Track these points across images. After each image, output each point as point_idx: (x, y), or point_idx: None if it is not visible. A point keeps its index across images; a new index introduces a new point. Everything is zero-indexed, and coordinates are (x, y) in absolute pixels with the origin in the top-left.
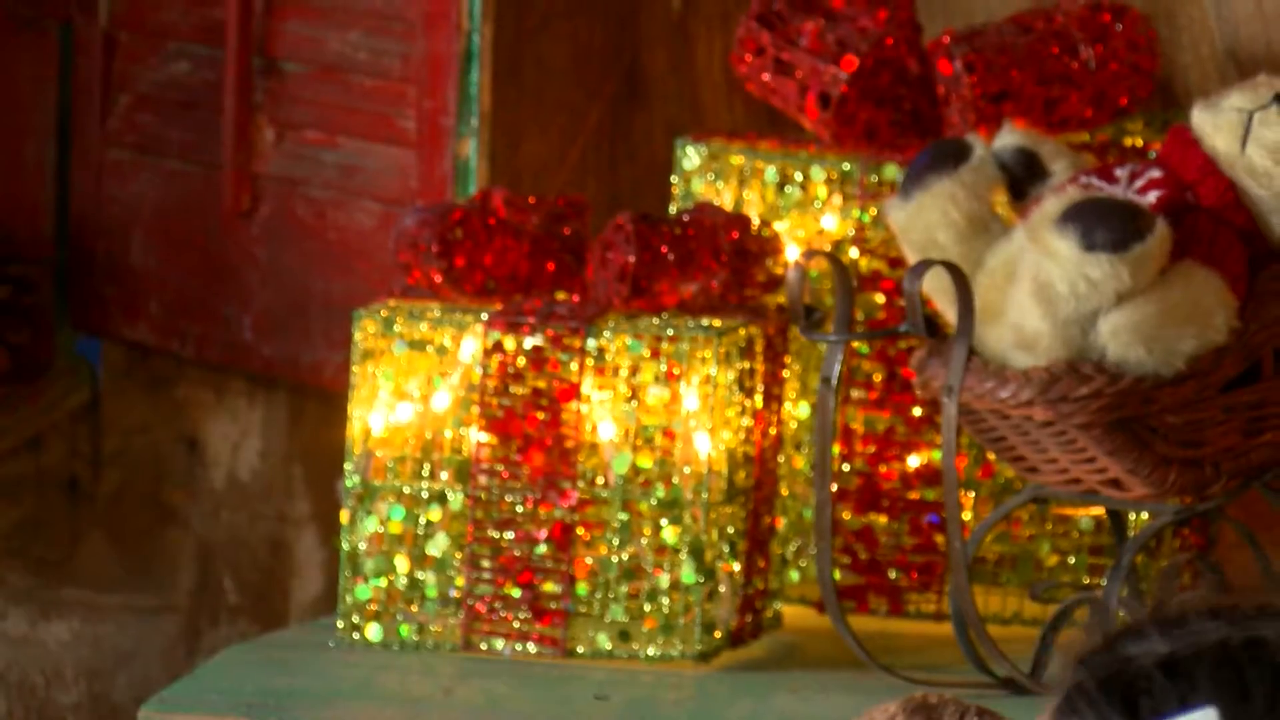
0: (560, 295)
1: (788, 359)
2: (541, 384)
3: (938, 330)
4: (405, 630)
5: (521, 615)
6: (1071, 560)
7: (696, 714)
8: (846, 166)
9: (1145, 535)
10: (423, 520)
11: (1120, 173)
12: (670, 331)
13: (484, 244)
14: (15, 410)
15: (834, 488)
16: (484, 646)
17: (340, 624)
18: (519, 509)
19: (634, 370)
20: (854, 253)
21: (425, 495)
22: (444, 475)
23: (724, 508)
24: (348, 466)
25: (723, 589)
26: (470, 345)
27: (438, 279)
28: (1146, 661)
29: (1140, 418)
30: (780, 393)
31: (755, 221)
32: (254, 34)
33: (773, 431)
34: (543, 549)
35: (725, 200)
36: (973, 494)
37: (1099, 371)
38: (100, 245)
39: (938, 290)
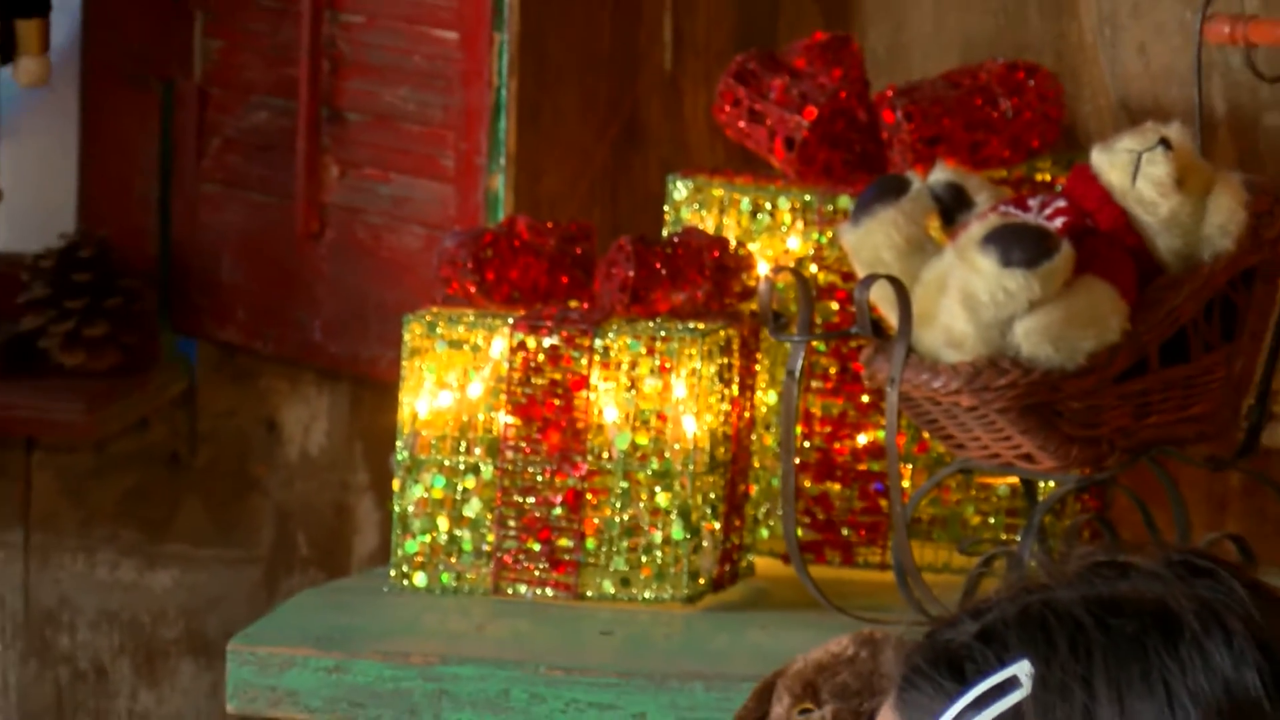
0: (572, 303)
1: (759, 355)
2: (557, 376)
3: (882, 332)
4: (445, 578)
5: (541, 565)
6: (991, 520)
7: (684, 646)
8: (807, 198)
9: (1052, 500)
10: (460, 488)
11: (1032, 203)
12: (663, 333)
13: (510, 261)
14: (126, 398)
15: (796, 461)
16: (510, 591)
17: (392, 573)
18: (539, 478)
19: (633, 365)
20: (813, 268)
21: (462, 467)
22: (477, 451)
23: (706, 477)
24: (398, 444)
25: (706, 544)
26: (499, 344)
27: (472, 290)
28: (964, 638)
29: (1048, 403)
30: (752, 383)
31: (732, 243)
32: (322, 89)
33: (746, 415)
34: (558, 511)
35: (708, 225)
36: (910, 466)
37: (1014, 366)
38: (195, 263)
39: (882, 299)
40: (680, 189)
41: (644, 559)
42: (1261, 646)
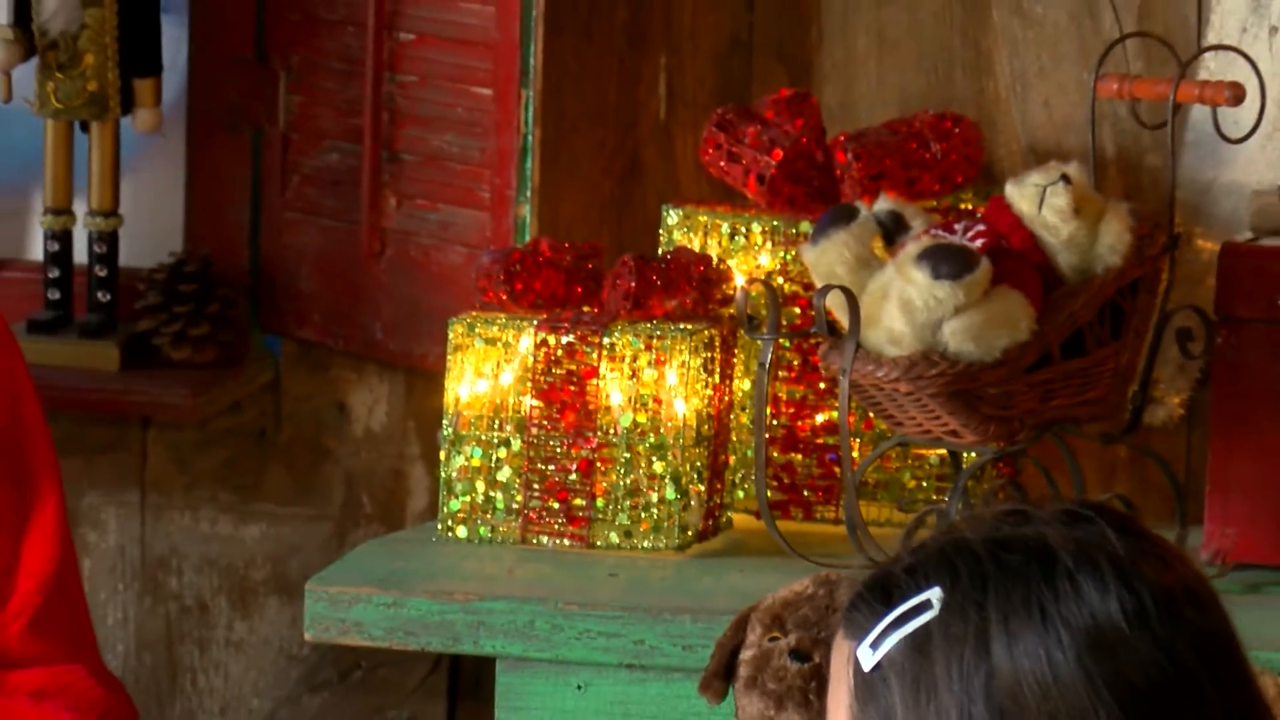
0: (585, 308)
1: (736, 350)
2: (572, 367)
3: (836, 331)
4: (482, 530)
5: (559, 520)
6: (924, 484)
7: (675, 586)
8: (775, 223)
9: (973, 468)
10: (494, 457)
11: (957, 227)
12: (658, 333)
13: (534, 274)
14: (223, 385)
15: (766, 436)
16: (534, 541)
17: (439, 527)
18: (557, 450)
19: (634, 358)
20: (780, 280)
21: (495, 441)
22: (508, 428)
23: (693, 449)
24: (444, 422)
25: (693, 503)
26: (525, 341)
27: (503, 297)
28: (896, 571)
29: (970, 390)
30: (731, 373)
31: (714, 259)
32: (382, 135)
33: (726, 399)
34: (573, 476)
35: (695, 245)
36: (858, 440)
37: (943, 359)
38: (279, 275)
39: (836, 305)
40: (672, 216)
41: (643, 515)
42: (1125, 581)
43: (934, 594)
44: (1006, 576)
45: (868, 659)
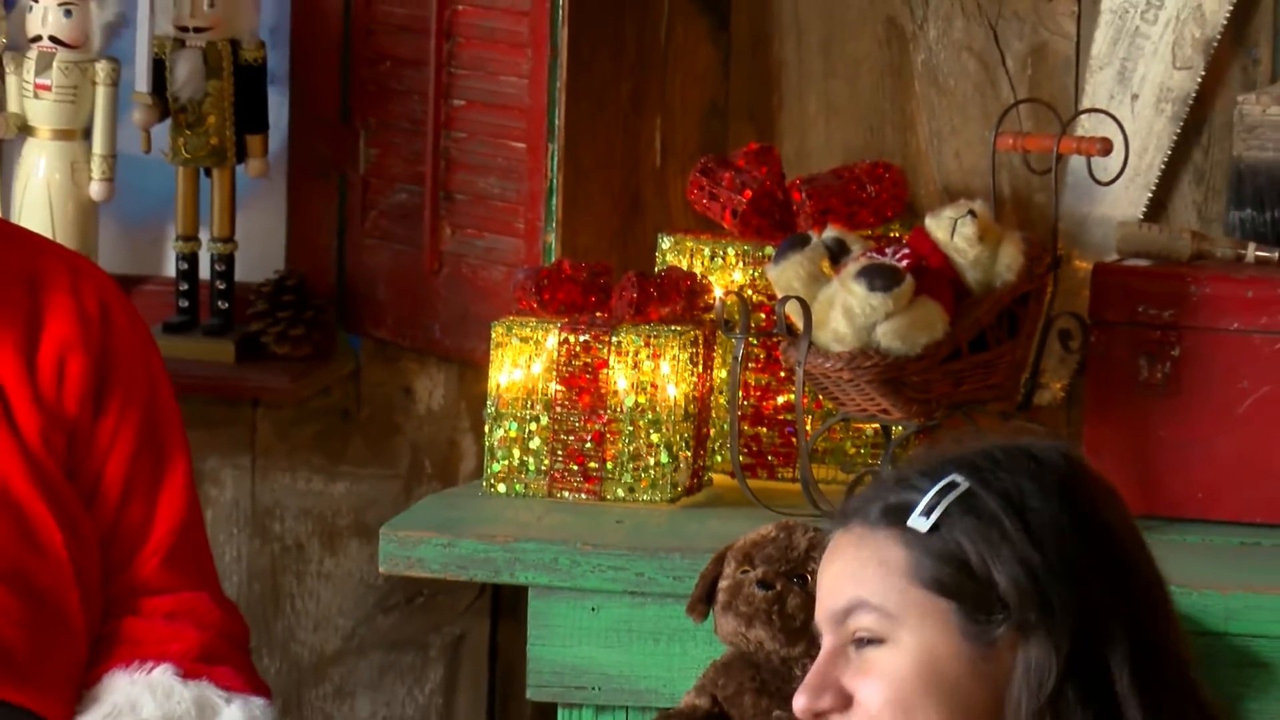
0: (598, 314)
1: (715, 347)
2: (588, 360)
3: (793, 332)
4: (518, 487)
5: (577, 479)
6: (862, 450)
7: (668, 530)
8: (746, 248)
9: (901, 438)
10: (527, 430)
11: (888, 250)
12: (655, 333)
13: (558, 287)
14: (315, 374)
15: (739, 413)
16: (558, 496)
17: (484, 484)
18: (576, 424)
19: (636, 353)
20: (750, 292)
21: (527, 417)
22: (537, 407)
23: (682, 423)
24: (488, 402)
25: (681, 466)
26: (551, 340)
27: (534, 305)
28: (910, 477)
29: (898, 377)
30: (711, 364)
31: (699, 276)
32: (439, 180)
33: (707, 384)
34: (589, 445)
35: (683, 264)
36: (810, 416)
37: (877, 354)
38: (359, 288)
39: (793, 312)
40: (665, 242)
41: (643, 475)
42: (1070, 458)
43: (956, 477)
44: (1006, 459)
45: (923, 524)
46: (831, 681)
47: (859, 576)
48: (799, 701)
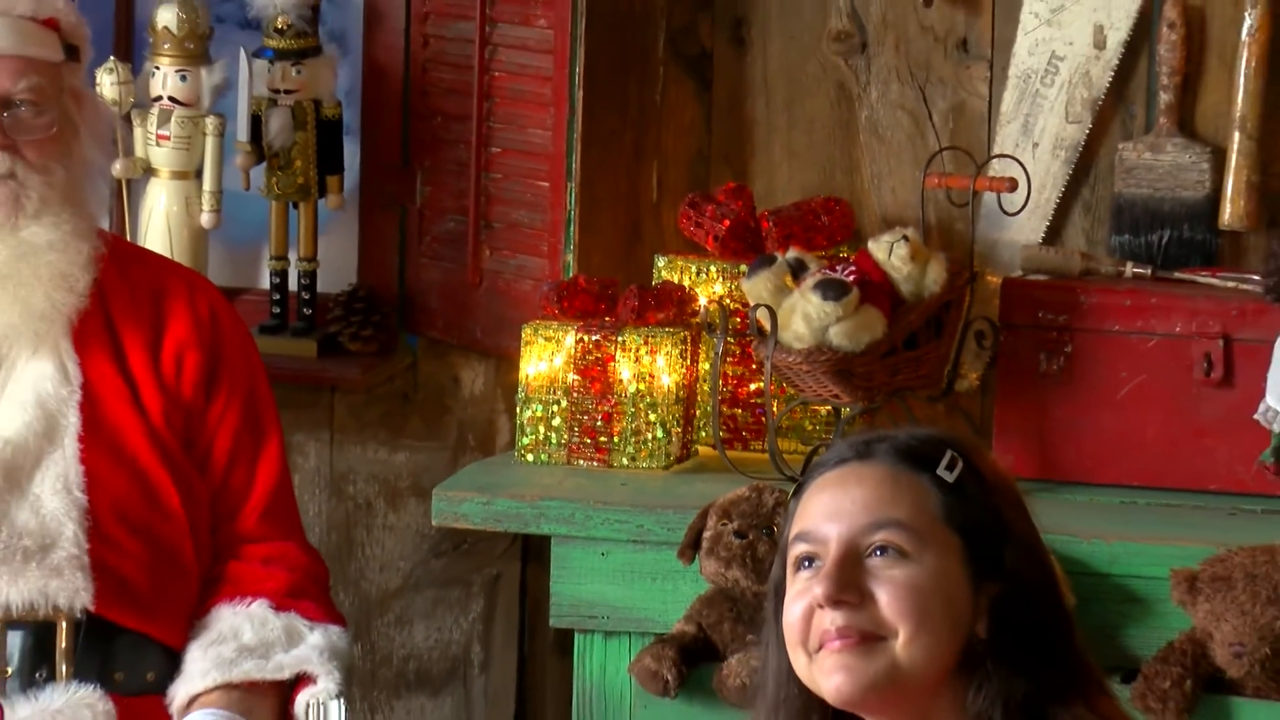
0: (606, 319)
1: (700, 345)
2: (599, 355)
3: (763, 333)
4: (543, 457)
5: (590, 450)
6: (818, 428)
7: (663, 491)
8: (725, 266)
9: (848, 417)
10: (550, 410)
11: (838, 268)
12: (653, 334)
13: (575, 297)
14: (381, 366)
15: (720, 398)
16: (575, 464)
17: (515, 454)
18: (589, 406)
19: (637, 350)
20: (729, 301)
21: (550, 400)
22: (558, 392)
23: (674, 406)
24: (519, 389)
25: (673, 439)
26: (569, 339)
27: (556, 312)
28: (920, 442)
29: (846, 369)
30: (697, 358)
31: (687, 288)
32: (480, 212)
33: (694, 375)
34: (599, 423)
35: (675, 279)
36: (776, 400)
37: (830, 350)
38: (417, 299)
39: (763, 317)
40: (661, 261)
41: (642, 447)
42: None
43: (954, 449)
44: (967, 442)
45: (949, 476)
46: (853, 580)
47: (895, 501)
48: (823, 590)
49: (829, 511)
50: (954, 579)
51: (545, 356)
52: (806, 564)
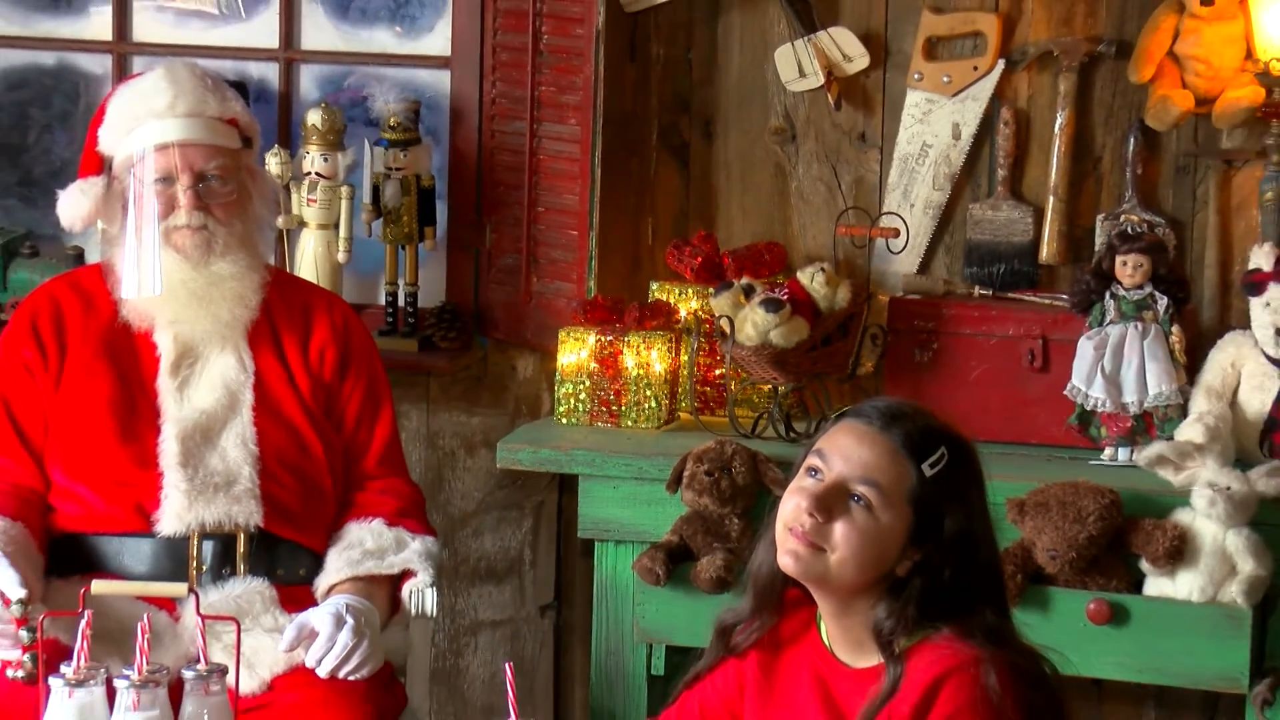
0: (617, 326)
1: (682, 343)
2: (611, 350)
3: (725, 335)
4: (574, 420)
5: (605, 416)
6: (761, 400)
7: (656, 444)
8: (699, 289)
9: (783, 394)
10: (578, 388)
11: (776, 290)
12: (649, 336)
13: (595, 311)
14: (461, 358)
15: (695, 380)
16: (596, 425)
17: (554, 418)
18: (605, 385)
19: (638, 346)
20: (701, 314)
21: (578, 381)
22: (584, 375)
23: (663, 385)
24: (557, 373)
25: (663, 408)
26: (591, 339)
27: (582, 321)
28: (914, 427)
29: (782, 360)
30: (679, 353)
31: (673, 304)
32: (529, 250)
33: (678, 363)
34: (611, 396)
35: (664, 299)
36: (733, 381)
37: (771, 347)
38: (488, 313)
39: (725, 324)
40: (654, 286)
41: (641, 414)
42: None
43: (944, 449)
44: (963, 442)
45: (930, 471)
46: (830, 505)
47: (884, 470)
48: (808, 501)
49: (843, 452)
50: (893, 536)
51: (575, 351)
52: (813, 473)
